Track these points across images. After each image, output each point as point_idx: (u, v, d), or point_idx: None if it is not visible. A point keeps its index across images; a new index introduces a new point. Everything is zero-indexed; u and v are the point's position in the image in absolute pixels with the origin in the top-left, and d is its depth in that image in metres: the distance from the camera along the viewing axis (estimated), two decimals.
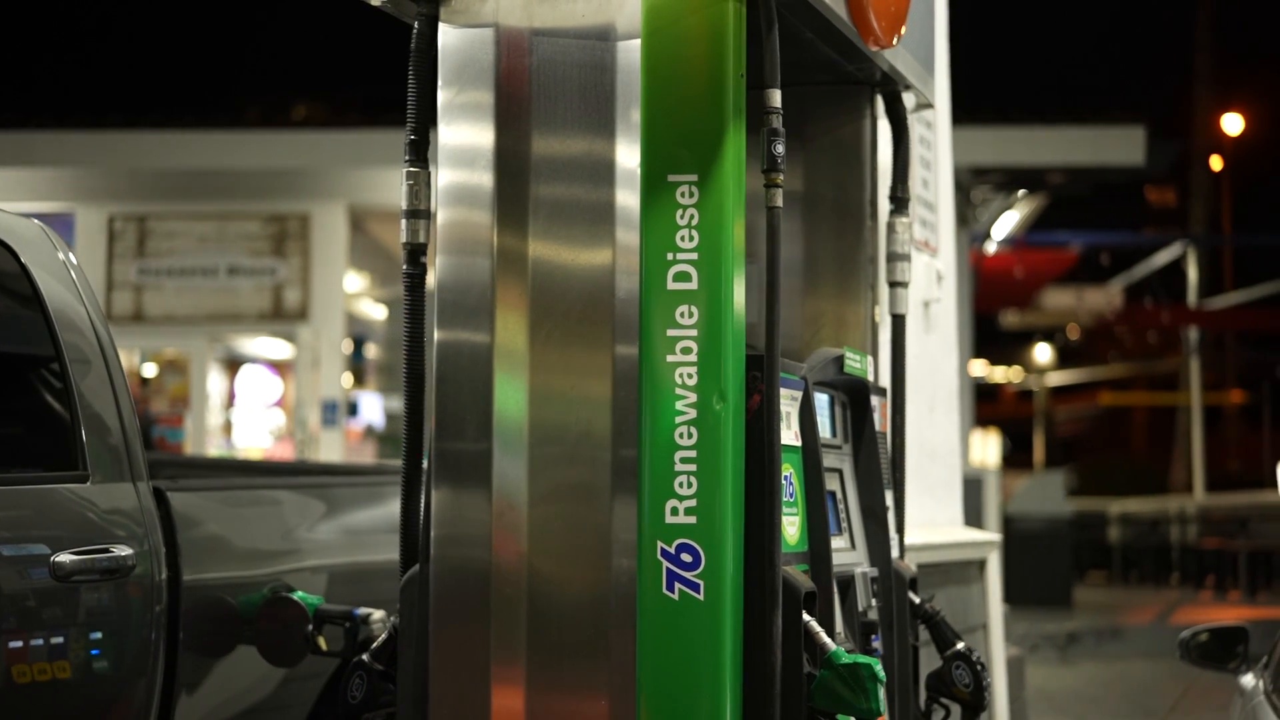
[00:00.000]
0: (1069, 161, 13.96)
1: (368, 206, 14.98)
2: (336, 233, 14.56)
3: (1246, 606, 17.07)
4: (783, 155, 3.07)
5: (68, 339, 3.50)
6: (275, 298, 14.48)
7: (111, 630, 3.37)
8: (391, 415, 15.60)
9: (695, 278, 3.00)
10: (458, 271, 3.13)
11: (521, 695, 3.02)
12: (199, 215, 14.57)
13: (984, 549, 5.26)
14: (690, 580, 2.96)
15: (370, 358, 16.22)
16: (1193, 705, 10.66)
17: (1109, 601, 18.18)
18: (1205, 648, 5.35)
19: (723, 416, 2.97)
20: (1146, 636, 13.87)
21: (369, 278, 16.71)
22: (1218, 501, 23.10)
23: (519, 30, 3.12)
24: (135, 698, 3.41)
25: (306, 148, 14.60)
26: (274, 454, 14.97)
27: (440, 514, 3.12)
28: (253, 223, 14.58)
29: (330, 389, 14.46)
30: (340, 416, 14.44)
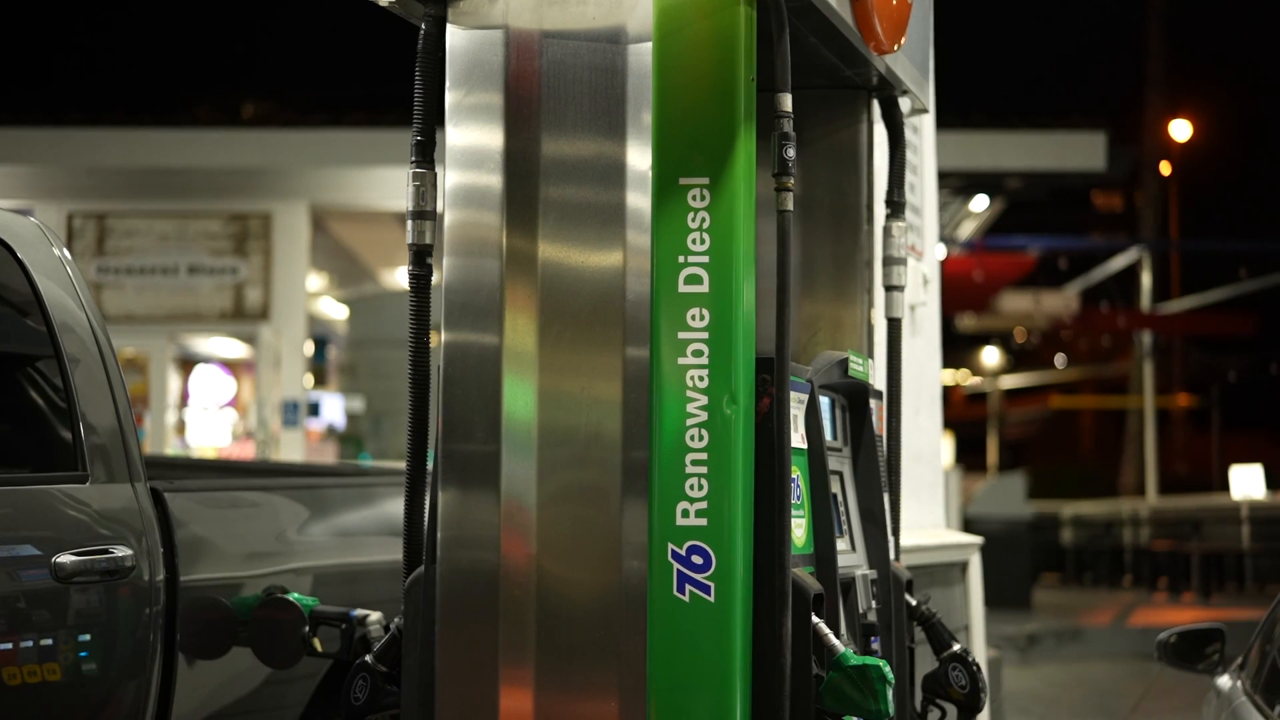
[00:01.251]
0: (1030, 166, 14.06)
1: (329, 206, 14.94)
2: (298, 232, 14.50)
3: (1201, 608, 17.23)
4: (794, 159, 3.09)
5: (66, 339, 3.48)
6: (236, 297, 14.41)
7: (110, 631, 3.36)
8: (352, 415, 15.56)
9: (706, 280, 3.01)
10: (466, 273, 3.13)
11: (530, 696, 3.02)
12: (159, 214, 14.49)
13: (966, 551, 5.30)
14: (701, 582, 2.96)
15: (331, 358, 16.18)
16: (1154, 706, 10.76)
17: (1066, 603, 18.32)
18: (1182, 649, 5.41)
19: (734, 419, 2.98)
20: (1106, 638, 13.99)
21: (330, 278, 16.65)
22: (1170, 504, 23.30)
23: (529, 32, 3.12)
24: (132, 699, 3.40)
25: (268, 147, 14.54)
26: (231, 454, 14.90)
27: (447, 515, 3.12)
28: (214, 222, 14.51)
29: (291, 389, 14.39)
30: (301, 416, 14.38)
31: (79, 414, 3.43)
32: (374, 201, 14.88)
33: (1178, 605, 18.22)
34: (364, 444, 14.99)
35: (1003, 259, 22.09)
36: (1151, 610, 17.29)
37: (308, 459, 13.72)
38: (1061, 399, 40.97)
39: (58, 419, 3.46)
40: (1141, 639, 13.98)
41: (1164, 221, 28.87)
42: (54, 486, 3.35)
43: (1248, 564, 20.15)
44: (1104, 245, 26.62)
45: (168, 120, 14.82)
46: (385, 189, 14.65)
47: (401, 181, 12.31)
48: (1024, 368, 40.41)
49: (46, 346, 3.46)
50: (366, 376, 15.37)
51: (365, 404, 15.24)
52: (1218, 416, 36.77)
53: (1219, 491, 25.94)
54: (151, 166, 14.36)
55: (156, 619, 3.45)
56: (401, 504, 4.38)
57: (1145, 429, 26.34)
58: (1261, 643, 4.98)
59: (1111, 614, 16.54)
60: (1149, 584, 21.74)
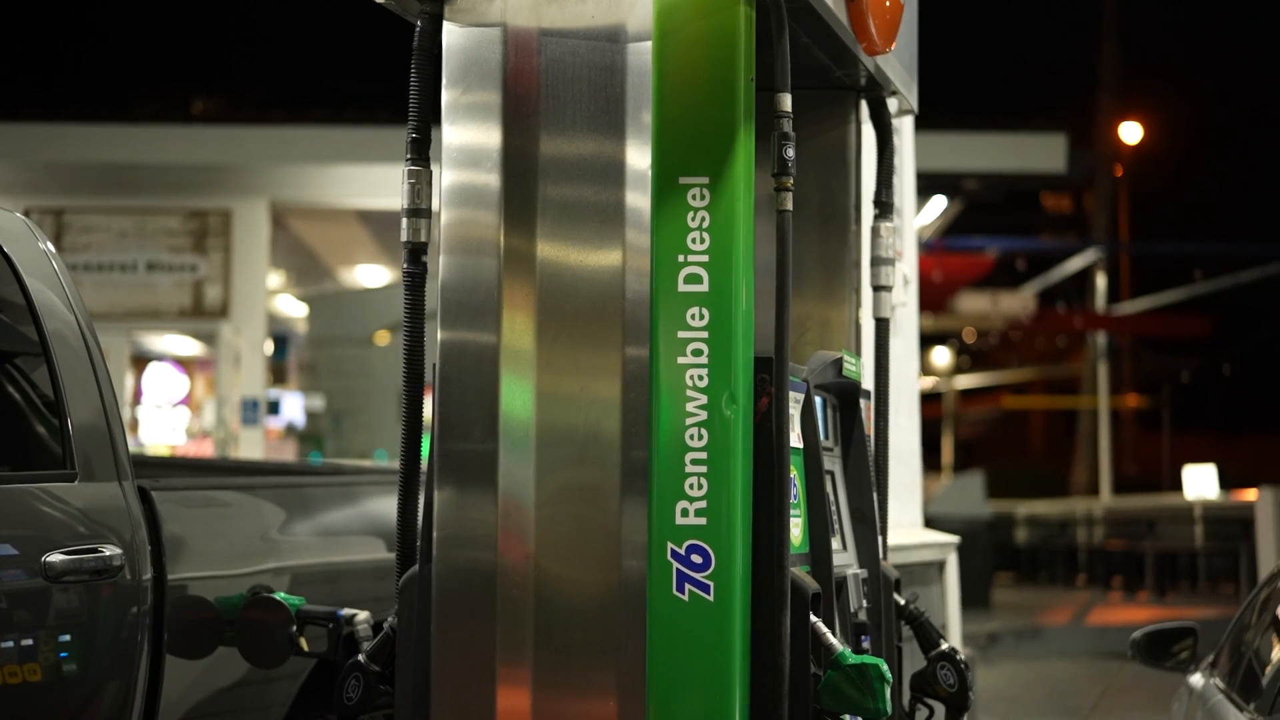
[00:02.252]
0: (992, 168, 14.14)
1: (289, 203, 14.86)
2: (258, 229, 14.41)
3: (1157, 607, 17.38)
4: (793, 159, 3.09)
5: (53, 335, 3.45)
6: (195, 295, 14.32)
7: (98, 631, 3.33)
8: (312, 414, 15.49)
9: (706, 280, 3.02)
10: (463, 271, 3.12)
11: (528, 696, 3.02)
12: (118, 210, 14.37)
13: (944, 550, 5.32)
14: (700, 581, 2.97)
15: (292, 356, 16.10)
16: (1113, 704, 10.84)
17: (1024, 602, 18.44)
18: (1153, 647, 5.45)
19: (733, 418, 2.98)
20: (1064, 636, 14.09)
21: (288, 275, 16.57)
22: (1124, 504, 23.48)
23: (527, 30, 3.11)
24: (120, 699, 3.37)
25: (228, 143, 14.45)
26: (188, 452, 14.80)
27: (444, 514, 3.11)
28: (173, 218, 14.41)
29: (251, 387, 14.31)
30: (261, 415, 14.30)
31: (67, 411, 3.40)
32: (335, 199, 14.81)
33: (1134, 604, 18.37)
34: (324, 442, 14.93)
35: (961, 259, 22.21)
36: (1108, 609, 17.43)
37: (267, 458, 13.66)
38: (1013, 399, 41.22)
39: (45, 416, 3.43)
40: (1100, 638, 14.09)
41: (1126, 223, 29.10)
42: (43, 485, 3.32)
43: (1201, 563, 20.33)
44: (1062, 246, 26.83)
45: (128, 116, 14.70)
46: (346, 186, 14.59)
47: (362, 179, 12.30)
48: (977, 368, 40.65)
49: (34, 343, 3.42)
50: (327, 375, 15.30)
51: (325, 402, 15.16)
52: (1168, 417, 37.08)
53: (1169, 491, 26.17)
54: (110, 162, 14.24)
55: (144, 618, 3.42)
56: (384, 503, 4.38)
57: (1100, 429, 26.54)
58: (1235, 641, 5.03)
59: (1070, 613, 16.65)
60: (1103, 583, 21.90)
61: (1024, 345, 37.32)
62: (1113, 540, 22.33)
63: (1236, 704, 4.29)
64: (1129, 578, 20.46)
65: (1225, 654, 5.11)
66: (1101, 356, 26.16)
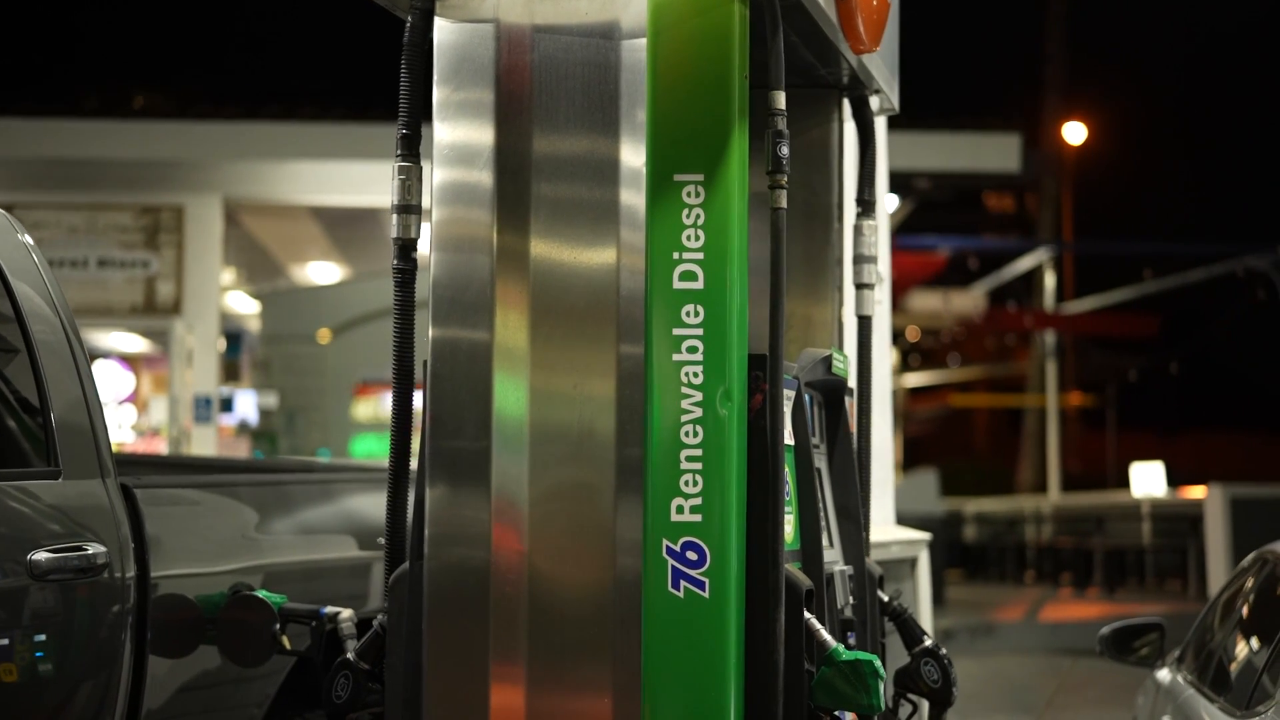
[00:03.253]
0: (946, 167, 14.22)
1: (243, 200, 14.76)
2: (211, 226, 14.30)
3: (1107, 603, 17.53)
4: (787, 157, 3.10)
5: (37, 329, 3.41)
6: (148, 291, 14.19)
7: (82, 629, 3.30)
8: (265, 411, 15.39)
9: (701, 277, 3.02)
10: (455, 269, 3.11)
11: (522, 693, 3.01)
12: (68, 206, 14.23)
13: (915, 548, 5.35)
14: (695, 578, 2.97)
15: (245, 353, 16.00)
16: (1068, 699, 10.93)
17: (976, 599, 18.56)
18: (1122, 642, 5.50)
19: (728, 415, 2.99)
20: (1018, 633, 14.19)
21: (240, 272, 16.47)
22: (1072, 501, 23.68)
23: (520, 26, 3.11)
24: (104, 697, 3.34)
25: (182, 139, 14.33)
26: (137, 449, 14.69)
27: (435, 512, 3.09)
28: (124, 214, 14.28)
29: (204, 384, 14.21)
30: (214, 412, 14.20)
31: (50, 407, 3.37)
32: (288, 195, 14.72)
33: (1084, 601, 18.52)
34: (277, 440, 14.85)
35: (913, 258, 22.33)
36: (1060, 606, 17.57)
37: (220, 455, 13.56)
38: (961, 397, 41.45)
39: (28, 412, 3.39)
40: (1052, 634, 14.20)
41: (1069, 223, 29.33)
42: (27, 483, 3.29)
43: (1148, 560, 20.52)
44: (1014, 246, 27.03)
45: (80, 110, 14.56)
46: (300, 183, 14.51)
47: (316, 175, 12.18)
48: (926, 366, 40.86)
49: (17, 337, 3.39)
50: (280, 372, 15.22)
51: (279, 400, 15.08)
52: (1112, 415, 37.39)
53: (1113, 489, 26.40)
54: (61, 157, 14.10)
55: (128, 617, 3.39)
56: (363, 500, 4.36)
57: (1048, 427, 26.74)
58: (1203, 637, 5.08)
59: (1022, 609, 16.77)
60: (1052, 580, 22.07)
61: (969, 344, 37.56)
62: (1062, 537, 22.51)
63: (1209, 697, 4.34)
64: (1078, 574, 20.63)
65: (1193, 649, 5.16)
66: (1050, 355, 26.36)
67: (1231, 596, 5.04)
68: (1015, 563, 24.12)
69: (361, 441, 15.04)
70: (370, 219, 15.64)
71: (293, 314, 15.59)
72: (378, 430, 14.76)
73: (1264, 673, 3.90)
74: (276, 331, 15.39)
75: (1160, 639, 5.47)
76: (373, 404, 15.10)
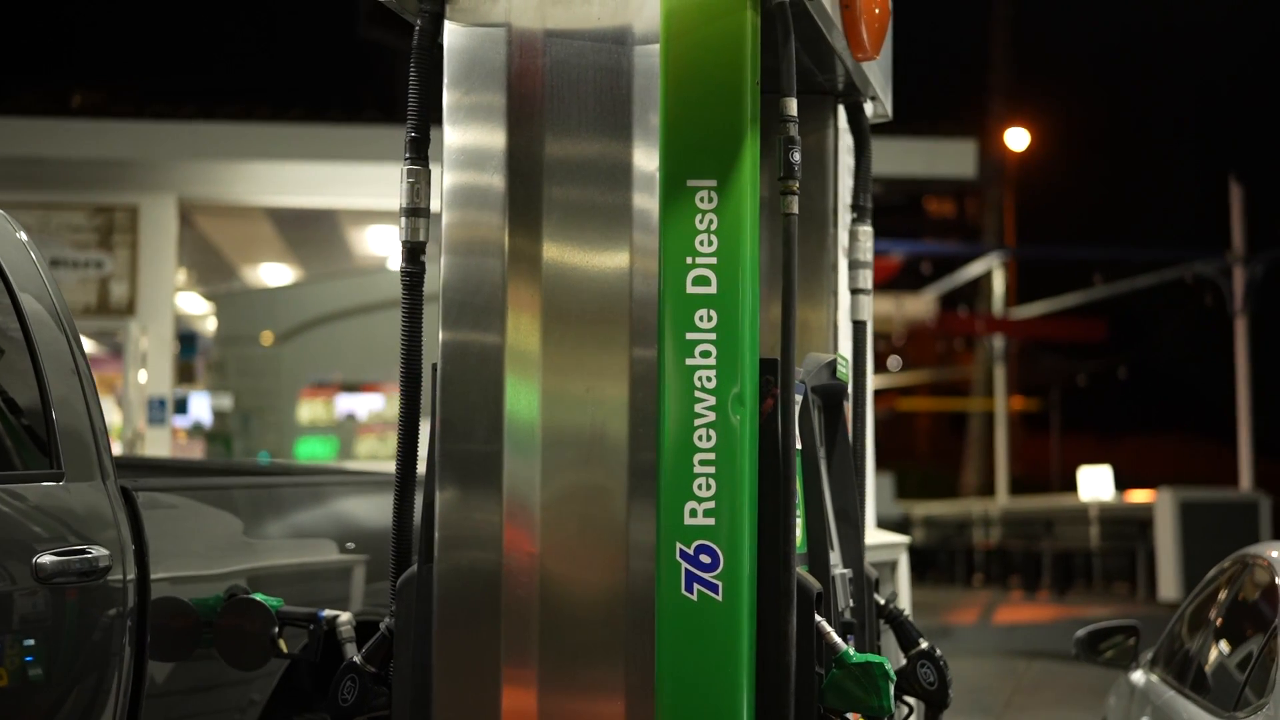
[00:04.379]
0: (903, 173, 14.29)
1: (198, 200, 14.65)
2: (166, 226, 14.20)
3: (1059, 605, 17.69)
4: (799, 163, 3.12)
5: (38, 331, 3.39)
6: (101, 292, 14.08)
7: (86, 632, 3.28)
8: (219, 413, 15.27)
9: (714, 282, 3.04)
10: (466, 272, 3.11)
11: (534, 696, 3.02)
12: (20, 205, 14.06)
13: (895, 550, 5.39)
14: (709, 581, 2.99)
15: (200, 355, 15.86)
16: (1025, 701, 11.03)
17: (927, 601, 18.66)
18: (1098, 645, 5.56)
19: (741, 419, 3.01)
20: (973, 635, 14.29)
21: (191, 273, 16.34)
22: (1021, 505, 23.87)
23: (532, 31, 3.11)
24: (105, 700, 3.32)
25: (137, 138, 14.22)
26: None
27: (446, 515, 3.10)
28: (78, 214, 14.15)
29: (158, 385, 14.10)
30: (168, 414, 14.09)
31: (52, 410, 3.35)
32: (244, 196, 14.63)
33: (1035, 603, 18.67)
34: (232, 442, 14.72)
35: None
36: (1012, 608, 17.71)
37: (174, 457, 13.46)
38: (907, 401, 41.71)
39: (31, 415, 3.37)
40: (1007, 636, 14.32)
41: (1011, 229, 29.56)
42: (31, 485, 3.27)
43: (1096, 563, 20.73)
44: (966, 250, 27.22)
45: (32, 109, 14.42)
46: (256, 183, 14.43)
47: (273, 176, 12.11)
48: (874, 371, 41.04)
49: (19, 339, 3.36)
50: (235, 374, 15.10)
51: (234, 402, 14.95)
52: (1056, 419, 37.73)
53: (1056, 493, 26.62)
54: (13, 156, 13.96)
55: (128, 620, 3.38)
56: (353, 504, 4.36)
57: (996, 431, 26.93)
58: (1179, 638, 5.14)
59: (976, 612, 16.90)
60: (1000, 582, 22.24)
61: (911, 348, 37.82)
62: (1011, 540, 22.70)
63: (1192, 699, 4.39)
64: (1028, 577, 20.80)
65: (1170, 651, 5.22)
66: (999, 359, 26.56)
67: (1207, 599, 5.11)
68: (964, 566, 24.29)
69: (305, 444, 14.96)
70: (325, 220, 15.57)
71: (248, 315, 15.48)
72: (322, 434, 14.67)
73: (1250, 675, 3.96)
74: (232, 333, 15.28)
75: (1135, 641, 5.54)
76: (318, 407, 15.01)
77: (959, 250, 26.79)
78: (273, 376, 15.05)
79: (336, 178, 14.15)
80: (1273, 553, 4.57)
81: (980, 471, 32.27)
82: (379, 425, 14.28)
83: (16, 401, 3.39)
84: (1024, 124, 27.41)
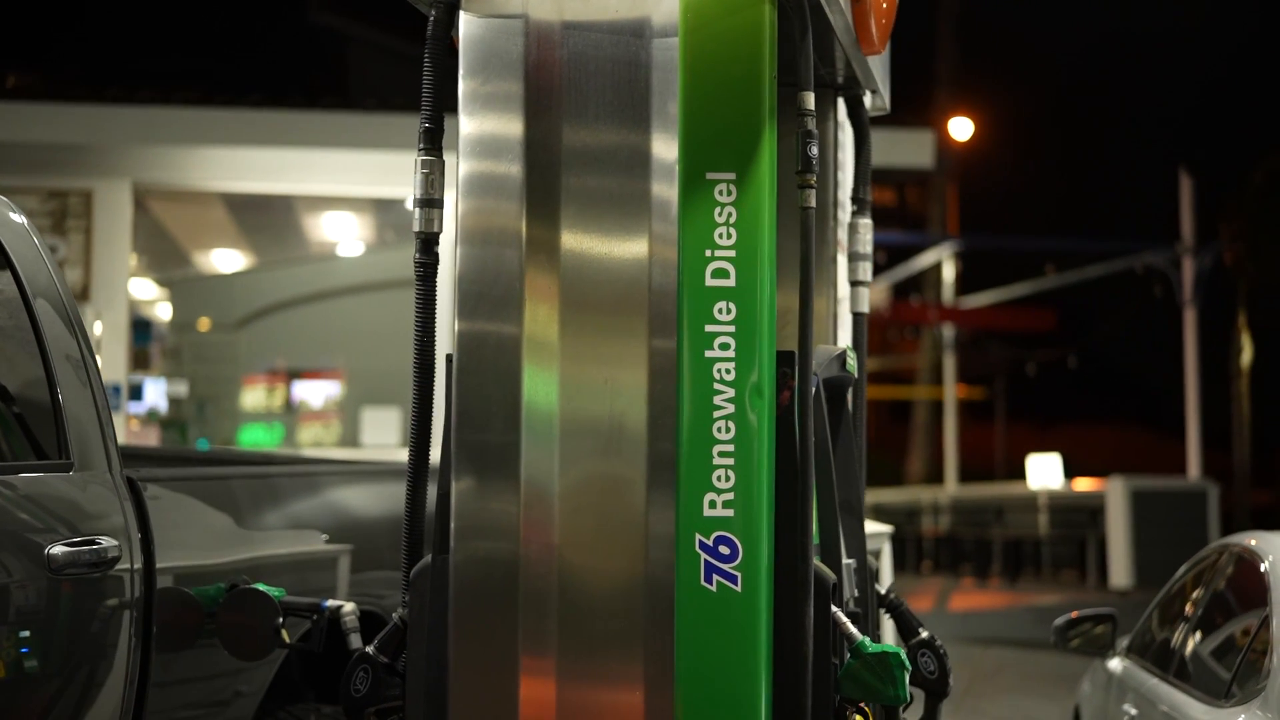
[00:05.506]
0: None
1: (153, 185, 14.53)
2: (120, 211, 14.07)
3: (1010, 593, 17.84)
4: (817, 156, 3.14)
5: (46, 322, 3.36)
6: None
7: (95, 623, 3.27)
8: (174, 400, 15.17)
9: (733, 275, 3.05)
10: (483, 262, 3.11)
11: (552, 687, 3.03)
12: None
13: (877, 540, 5.43)
14: (728, 572, 3.01)
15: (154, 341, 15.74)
16: (984, 688, 11.13)
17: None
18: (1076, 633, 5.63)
19: (760, 412, 3.02)
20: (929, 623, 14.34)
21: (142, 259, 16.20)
22: (970, 493, 24.05)
23: (549, 23, 3.11)
24: (113, 690, 3.31)
25: (92, 122, 14.08)
26: None
27: (462, 505, 3.10)
28: (30, 199, 13.99)
29: (113, 372, 13.98)
30: (123, 400, 13.98)
31: (60, 400, 3.33)
32: (200, 181, 14.52)
33: (987, 590, 18.82)
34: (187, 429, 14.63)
35: None
36: (964, 595, 17.84)
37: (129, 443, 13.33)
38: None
39: (39, 405, 3.35)
40: (962, 623, 14.43)
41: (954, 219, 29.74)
42: (42, 475, 3.24)
43: (1045, 551, 20.92)
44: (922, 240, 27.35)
45: None
46: (212, 169, 14.32)
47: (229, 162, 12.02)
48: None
49: (27, 330, 3.34)
50: (190, 360, 15.00)
51: (189, 388, 14.85)
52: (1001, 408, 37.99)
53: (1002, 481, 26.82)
54: None
55: (135, 610, 3.36)
56: (353, 493, 4.35)
57: (945, 419, 27.12)
58: (1162, 627, 5.20)
59: (930, 599, 17.01)
60: (949, 570, 22.40)
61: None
62: (961, 528, 22.87)
63: (1180, 687, 4.45)
64: (978, 565, 20.97)
65: (1149, 638, 5.29)
66: (948, 348, 26.73)
67: (1186, 588, 5.18)
68: (914, 553, 24.46)
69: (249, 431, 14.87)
70: (280, 206, 15.48)
71: (204, 301, 15.39)
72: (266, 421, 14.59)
73: (1240, 664, 4.01)
74: (187, 319, 15.18)
75: (1113, 628, 5.61)
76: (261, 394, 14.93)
77: (914, 240, 26.94)
78: (229, 363, 14.97)
79: (293, 163, 14.08)
80: (1251, 541, 4.63)
81: (926, 459, 32.47)
82: (324, 413, 14.23)
83: (26, 392, 3.37)
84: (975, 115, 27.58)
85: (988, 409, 38.93)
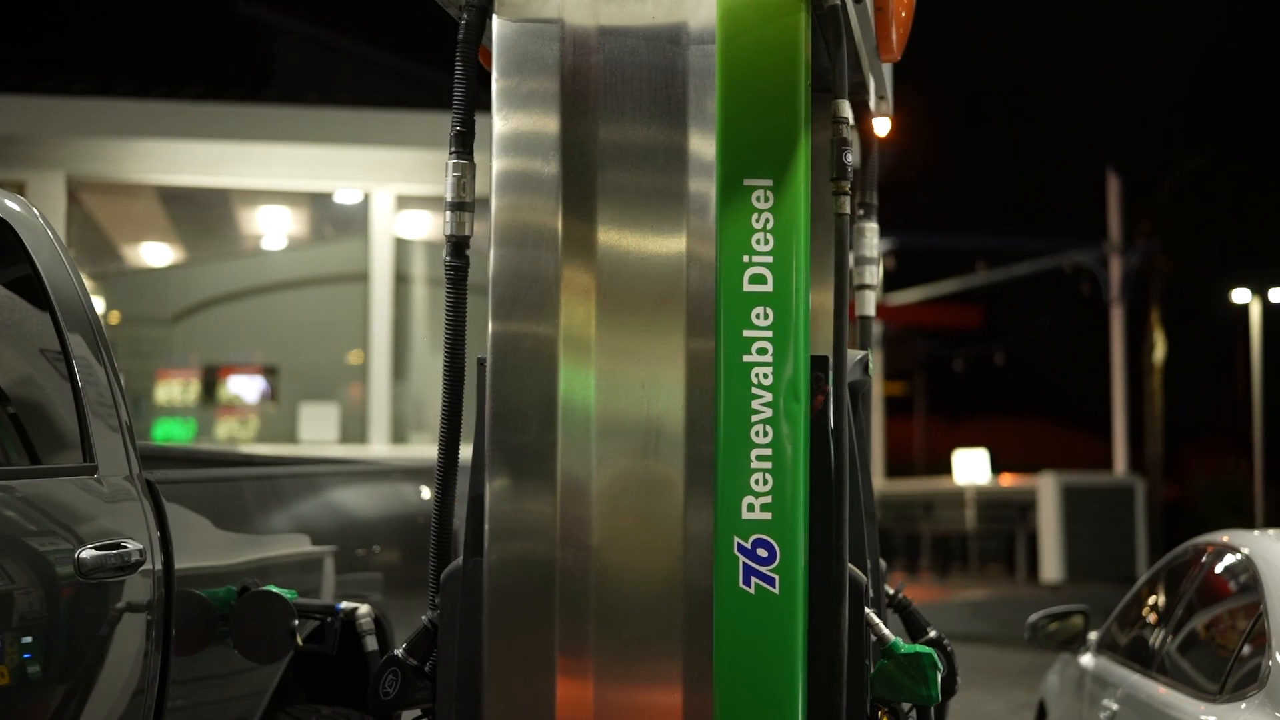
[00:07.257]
0: None
1: (87, 178, 14.35)
2: (54, 204, 13.87)
3: (942, 587, 18.02)
4: (852, 164, 3.18)
5: (70, 326, 3.34)
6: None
7: (121, 626, 3.25)
8: None
9: (770, 280, 3.08)
10: (519, 263, 3.12)
11: (590, 687, 3.05)
12: None
13: None
14: (766, 575, 3.04)
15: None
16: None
17: None
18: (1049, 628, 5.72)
19: (796, 415, 3.06)
20: None
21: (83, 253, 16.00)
22: (899, 487, 24.27)
23: (585, 28, 3.13)
24: (137, 692, 3.29)
25: (24, 113, 13.88)
26: None
27: (497, 507, 3.11)
28: None
29: None
30: None
31: (84, 404, 3.30)
32: (135, 174, 14.36)
33: (918, 584, 19.00)
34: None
35: None
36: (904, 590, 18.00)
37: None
38: None
39: (64, 409, 3.32)
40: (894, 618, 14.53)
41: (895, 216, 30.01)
42: (69, 480, 3.22)
43: (972, 545, 21.17)
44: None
45: None
46: (147, 161, 14.17)
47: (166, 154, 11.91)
48: None
49: (51, 334, 3.31)
50: (125, 355, 14.82)
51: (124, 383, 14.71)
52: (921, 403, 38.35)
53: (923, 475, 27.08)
54: None
55: (156, 612, 3.35)
56: (355, 493, 4.34)
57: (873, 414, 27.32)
58: (1137, 623, 5.30)
59: None
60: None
61: None
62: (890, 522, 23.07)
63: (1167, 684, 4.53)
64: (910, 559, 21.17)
65: (1122, 635, 5.38)
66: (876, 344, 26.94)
67: (1162, 586, 5.27)
68: None
69: (162, 426, 14.74)
70: (216, 200, 15.33)
71: (138, 296, 15.22)
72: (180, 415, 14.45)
73: (1234, 661, 4.10)
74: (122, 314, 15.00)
75: (1085, 622, 5.72)
76: (173, 388, 14.79)
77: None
78: (164, 358, 14.81)
79: (234, 156, 13.96)
80: (1233, 539, 4.73)
81: None
82: (239, 409, 14.14)
83: (51, 396, 3.34)
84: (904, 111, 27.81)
85: (907, 404, 39.29)
